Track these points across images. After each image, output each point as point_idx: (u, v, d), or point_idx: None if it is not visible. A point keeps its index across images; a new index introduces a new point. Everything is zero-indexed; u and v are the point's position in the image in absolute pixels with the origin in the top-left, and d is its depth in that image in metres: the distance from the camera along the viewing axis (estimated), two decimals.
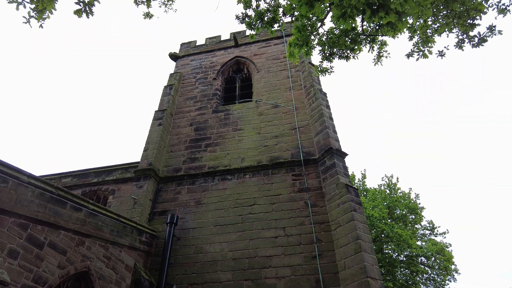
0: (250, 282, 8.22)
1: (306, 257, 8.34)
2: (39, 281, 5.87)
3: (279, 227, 9.06)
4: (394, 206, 19.99)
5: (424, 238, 20.61)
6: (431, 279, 18.74)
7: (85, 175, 13.30)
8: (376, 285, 7.33)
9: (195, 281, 8.54)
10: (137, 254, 8.80)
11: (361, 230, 8.12)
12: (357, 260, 7.61)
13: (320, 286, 7.80)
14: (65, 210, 6.87)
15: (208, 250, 9.03)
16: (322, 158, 10.16)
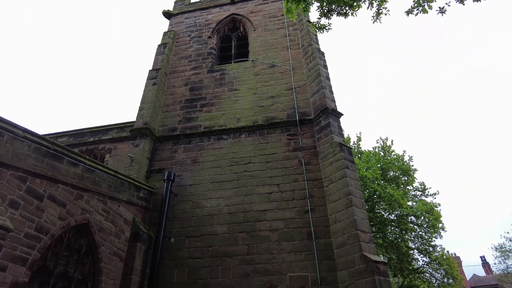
0: (245, 234, 8.59)
1: (299, 212, 8.66)
2: (42, 231, 6.09)
3: (273, 184, 9.30)
4: (388, 168, 20.39)
5: (415, 199, 21.24)
6: (419, 237, 19.58)
7: (81, 135, 13.32)
8: (366, 237, 7.68)
9: (193, 234, 8.90)
10: (135, 209, 9.08)
11: (352, 186, 8.36)
12: (348, 214, 7.92)
13: (312, 238, 8.18)
14: (62, 165, 6.97)
15: (204, 205, 9.32)
16: (318, 118, 10.20)
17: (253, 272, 8.02)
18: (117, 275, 7.79)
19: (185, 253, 8.65)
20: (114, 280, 7.66)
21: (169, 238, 8.93)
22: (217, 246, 8.56)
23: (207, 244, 8.64)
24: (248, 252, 8.32)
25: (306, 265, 7.88)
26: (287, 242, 8.27)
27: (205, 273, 8.24)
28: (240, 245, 8.46)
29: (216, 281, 8.07)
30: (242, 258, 8.26)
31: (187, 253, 8.63)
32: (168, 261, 8.60)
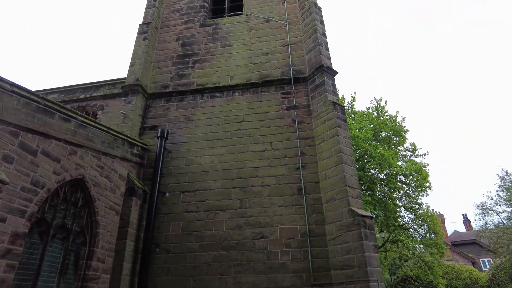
0: (238, 189, 8.85)
1: (290, 168, 8.87)
2: (37, 184, 6.20)
3: (266, 142, 9.41)
4: (380, 128, 20.59)
5: (405, 159, 21.70)
6: (406, 195, 20.29)
7: (72, 91, 13.09)
8: (354, 193, 7.97)
9: (187, 189, 9.14)
10: (129, 165, 9.20)
11: (343, 144, 8.51)
12: (338, 171, 8.14)
13: (302, 194, 8.47)
14: (54, 120, 6.93)
15: (198, 162, 9.48)
16: (312, 76, 10.09)
17: (245, 225, 8.38)
18: (114, 227, 8.08)
19: (180, 207, 8.94)
20: (111, 232, 7.97)
21: (164, 193, 9.17)
22: (211, 201, 8.84)
23: (201, 199, 8.92)
24: (241, 206, 8.63)
25: (296, 218, 8.24)
26: (278, 197, 8.57)
27: (200, 225, 8.59)
28: (233, 199, 8.75)
29: (210, 232, 8.44)
30: (235, 212, 8.58)
31: (181, 207, 8.92)
32: (164, 215, 8.91)
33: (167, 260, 8.32)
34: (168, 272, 8.18)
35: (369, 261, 6.98)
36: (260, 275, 7.77)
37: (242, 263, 7.97)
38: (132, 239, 8.25)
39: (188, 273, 8.09)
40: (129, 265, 7.96)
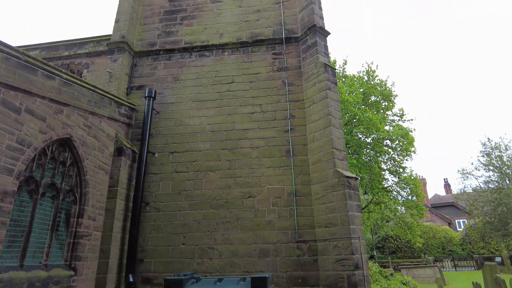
0: (227, 151, 8.93)
1: (279, 131, 8.94)
2: (23, 143, 6.13)
3: (255, 104, 9.37)
4: (370, 92, 20.60)
5: (392, 124, 22.01)
6: (391, 159, 20.82)
7: (55, 48, 12.51)
8: (340, 155, 8.15)
9: (176, 149, 9.17)
10: (117, 125, 9.11)
11: (332, 107, 8.55)
12: (326, 133, 8.25)
13: (290, 155, 8.62)
14: (37, 77, 6.71)
15: (187, 123, 9.43)
16: (304, 36, 9.86)
17: (234, 185, 8.57)
18: (103, 187, 8.16)
19: (169, 167, 9.02)
20: (101, 191, 8.06)
21: (153, 154, 9.19)
22: (201, 161, 8.93)
23: (191, 159, 8.99)
24: (230, 167, 8.76)
25: (283, 179, 8.45)
26: (266, 158, 8.70)
27: (189, 185, 8.74)
28: (222, 160, 8.86)
29: (199, 192, 8.62)
30: (224, 172, 8.72)
31: (171, 167, 9.01)
32: (153, 175, 9.00)
33: (157, 218, 8.54)
34: (158, 229, 8.43)
35: (352, 220, 7.32)
36: (248, 232, 8.09)
37: (231, 220, 8.25)
38: (122, 198, 8.38)
39: (178, 230, 8.35)
40: (120, 223, 8.16)
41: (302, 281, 7.54)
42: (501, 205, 23.84)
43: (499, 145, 26.38)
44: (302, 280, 7.55)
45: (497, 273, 8.66)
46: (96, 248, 7.66)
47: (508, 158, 25.51)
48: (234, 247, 8.01)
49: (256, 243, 7.99)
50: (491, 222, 24.78)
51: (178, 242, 8.24)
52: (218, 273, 7.77)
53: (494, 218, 24.47)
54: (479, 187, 27.25)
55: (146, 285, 7.96)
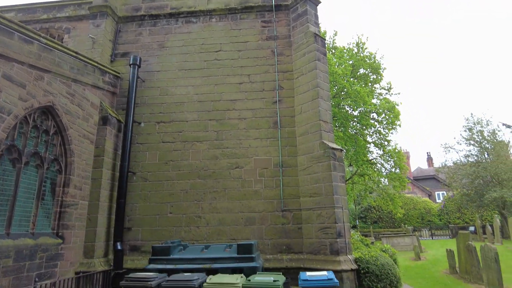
0: (214, 121, 8.88)
1: (267, 102, 8.89)
2: (3, 111, 5.94)
3: (244, 74, 9.22)
4: (359, 65, 20.46)
5: (380, 97, 22.11)
6: (377, 132, 21.11)
7: (32, 10, 11.85)
8: (327, 127, 8.22)
9: (162, 119, 9.06)
10: (102, 94, 8.88)
11: (321, 79, 8.50)
12: (313, 105, 8.25)
13: (277, 127, 8.64)
14: (13, 41, 6.39)
15: (173, 92, 9.26)
16: (295, 4, 9.60)
17: (221, 155, 8.60)
18: (89, 156, 8.07)
19: (156, 137, 8.94)
20: (87, 161, 7.97)
21: (139, 123, 9.06)
22: (188, 132, 8.88)
23: (178, 130, 8.92)
24: (217, 137, 8.75)
25: (270, 150, 8.51)
26: (254, 129, 8.70)
27: (176, 155, 8.72)
28: (209, 131, 8.82)
29: (186, 162, 8.63)
30: (212, 143, 8.72)
31: (158, 137, 8.93)
32: (139, 144, 8.93)
33: (144, 188, 8.57)
34: (145, 198, 8.49)
35: (336, 190, 7.51)
36: (235, 201, 8.23)
37: (218, 190, 8.35)
38: (109, 167, 8.33)
39: (165, 199, 8.43)
40: (106, 192, 8.16)
41: (286, 248, 7.82)
42: (478, 178, 24.74)
43: (481, 120, 26.97)
44: (286, 247, 7.82)
45: (469, 241, 9.16)
46: (83, 217, 7.69)
47: (488, 133, 26.20)
48: (221, 216, 8.17)
49: (242, 212, 8.15)
50: (467, 194, 25.78)
51: (166, 211, 8.34)
52: (206, 240, 7.97)
53: (471, 190, 25.43)
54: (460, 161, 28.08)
55: (134, 253, 8.11)
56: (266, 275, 5.12)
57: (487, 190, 24.05)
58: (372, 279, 6.80)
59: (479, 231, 21.44)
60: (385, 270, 6.89)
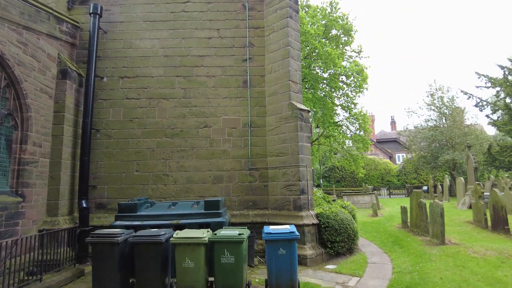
0: (181, 78, 8.60)
1: (237, 60, 8.68)
2: None
3: (213, 29, 8.86)
4: (331, 25, 20.24)
5: (350, 60, 22.26)
6: (345, 95, 21.51)
7: None
8: (296, 88, 8.24)
9: (126, 74, 8.63)
10: (59, 45, 8.24)
11: (292, 37, 8.37)
12: (284, 65, 8.18)
13: (247, 86, 8.54)
14: None
15: (138, 45, 8.77)
16: None
17: (189, 114, 8.45)
18: (48, 112, 7.64)
19: (119, 93, 8.57)
20: (46, 116, 7.56)
21: (102, 78, 8.60)
22: (153, 88, 8.57)
23: (142, 86, 8.58)
24: (185, 95, 8.53)
25: (239, 109, 8.47)
26: (223, 88, 8.56)
27: (142, 112, 8.47)
28: (176, 88, 8.56)
29: (153, 120, 8.43)
30: (179, 101, 8.51)
31: (121, 93, 8.56)
32: (103, 100, 8.54)
33: (109, 145, 8.34)
34: (110, 156, 8.30)
35: (301, 150, 7.73)
36: (203, 160, 8.27)
37: (186, 149, 8.31)
38: (70, 124, 7.97)
39: (131, 157, 8.29)
40: (69, 150, 7.87)
41: (252, 204, 8.10)
42: (435, 141, 26.39)
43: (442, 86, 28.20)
44: (252, 203, 8.10)
45: (421, 198, 9.93)
46: (45, 175, 7.44)
47: (448, 99, 27.56)
48: (189, 174, 8.22)
49: (210, 170, 8.24)
50: (424, 156, 27.56)
51: (132, 169, 8.25)
52: (173, 198, 8.05)
53: (427, 153, 27.19)
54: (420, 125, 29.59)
55: (100, 210, 8.06)
56: (232, 229, 5.33)
57: (441, 153, 25.79)
58: (331, 233, 7.29)
59: (431, 190, 23.25)
60: (344, 225, 7.38)
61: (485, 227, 9.87)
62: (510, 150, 15.64)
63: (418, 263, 6.41)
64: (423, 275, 5.59)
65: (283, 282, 4.80)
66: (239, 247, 4.81)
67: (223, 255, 4.79)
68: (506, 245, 7.32)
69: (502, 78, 16.51)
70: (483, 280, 5.17)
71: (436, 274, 5.60)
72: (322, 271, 6.44)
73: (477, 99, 18.16)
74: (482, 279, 5.22)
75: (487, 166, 17.62)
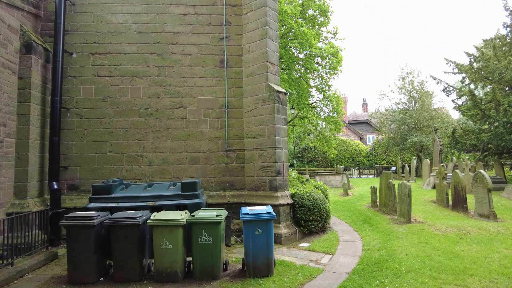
0: (156, 55, 8.31)
1: (214, 38, 8.48)
2: None
3: (189, 4, 8.54)
4: (308, 5, 20.09)
5: (325, 41, 22.33)
6: (319, 77, 21.70)
7: None
8: (273, 69, 8.22)
9: (97, 50, 8.23)
10: (21, 16, 7.67)
11: (271, 17, 8.26)
12: (261, 45, 8.10)
13: (224, 66, 8.41)
14: None
15: (109, 20, 8.33)
16: None
17: (164, 93, 8.25)
18: (12, 89, 7.18)
19: (90, 70, 8.18)
20: (10, 94, 7.11)
21: (71, 53, 8.15)
22: (126, 66, 8.24)
23: (115, 63, 8.22)
24: (159, 74, 8.28)
25: (216, 90, 8.36)
26: (199, 67, 8.38)
27: (114, 91, 8.16)
28: (150, 66, 8.28)
29: (125, 99, 8.15)
30: (153, 80, 8.26)
31: (92, 71, 8.18)
32: (72, 78, 8.13)
33: (80, 125, 8.02)
34: (82, 136, 8.00)
35: (278, 132, 7.81)
36: (179, 141, 8.16)
37: (161, 130, 8.16)
38: (37, 102, 7.55)
39: (104, 138, 8.04)
40: (37, 129, 7.50)
41: (229, 185, 8.17)
42: (404, 124, 27.43)
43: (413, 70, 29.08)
44: (229, 184, 8.17)
45: (390, 179, 10.42)
46: (11, 156, 7.07)
47: (418, 83, 28.53)
48: (164, 155, 8.11)
49: (187, 151, 8.17)
50: (394, 138, 28.66)
51: (105, 150, 8.02)
52: (148, 179, 7.95)
53: (397, 135, 28.28)
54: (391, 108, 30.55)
55: (72, 192, 7.84)
56: (210, 210, 5.38)
57: (410, 135, 26.89)
58: (305, 212, 7.53)
59: (399, 171, 24.35)
60: (317, 204, 7.64)
61: (447, 206, 10.55)
62: (471, 134, 16.54)
63: (386, 240, 6.79)
64: (391, 252, 5.95)
65: (260, 261, 4.96)
66: (217, 228, 4.88)
67: (201, 236, 4.85)
68: (464, 223, 7.88)
69: (468, 65, 17.22)
70: (443, 255, 5.57)
71: (402, 250, 5.98)
72: (296, 249, 6.69)
73: (445, 84, 18.89)
74: (443, 254, 5.63)
75: (451, 148, 18.60)
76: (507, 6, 15.99)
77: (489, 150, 15.80)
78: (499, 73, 14.93)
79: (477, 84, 17.42)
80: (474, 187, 9.18)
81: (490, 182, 8.62)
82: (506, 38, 16.34)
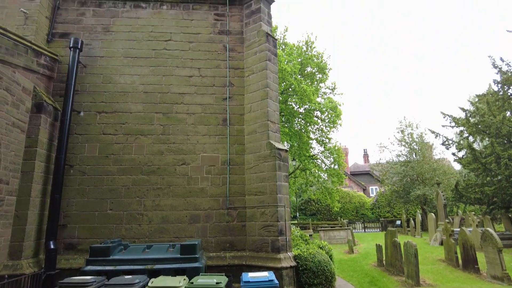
0: (161, 115, 8.59)
1: (217, 98, 8.82)
2: None
3: (194, 67, 9.03)
4: (307, 63, 21.14)
5: (324, 96, 23.15)
6: (319, 129, 22.15)
7: None
8: (274, 127, 8.43)
9: (104, 109, 8.53)
10: (36, 78, 8.08)
11: (271, 79, 8.66)
12: (262, 105, 8.39)
13: (226, 124, 8.64)
14: None
15: (118, 81, 8.75)
16: (249, 0, 9.58)
17: (167, 151, 8.37)
18: (19, 147, 7.33)
19: (96, 128, 8.40)
20: (16, 152, 7.24)
21: (78, 112, 8.44)
22: (131, 124, 8.48)
23: (120, 121, 8.47)
24: (164, 132, 8.49)
25: (218, 147, 8.50)
26: (202, 125, 8.60)
27: (118, 149, 8.30)
28: (155, 124, 8.52)
29: (129, 156, 8.26)
30: (157, 137, 8.44)
31: (98, 129, 8.40)
32: (78, 135, 8.33)
33: (82, 182, 8.04)
34: (83, 193, 7.98)
35: (280, 189, 7.77)
36: (180, 198, 8.11)
37: (162, 187, 8.15)
38: (42, 159, 7.66)
39: (105, 195, 8.00)
40: (39, 186, 7.50)
41: (230, 245, 7.94)
42: (407, 176, 27.34)
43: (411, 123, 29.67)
44: (230, 245, 7.94)
45: (396, 237, 10.13)
46: (10, 214, 6.99)
47: (417, 136, 28.96)
48: (164, 213, 8.00)
49: (187, 209, 8.07)
50: (397, 191, 28.36)
51: (105, 208, 7.94)
52: (147, 239, 7.76)
53: (399, 187, 28.02)
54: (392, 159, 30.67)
55: (69, 251, 7.61)
56: (209, 276, 5.18)
57: (413, 187, 26.65)
58: (309, 275, 7.21)
59: (404, 225, 23.74)
60: (321, 267, 7.34)
61: (456, 266, 10.12)
62: (474, 187, 16.42)
63: None
64: None
65: None
66: None
67: None
68: (476, 286, 7.50)
69: (465, 119, 17.62)
70: None
71: None
72: None
73: (443, 138, 19.16)
74: None
75: (455, 201, 18.33)
76: (495, 64, 16.78)
77: (495, 204, 15.53)
78: (495, 128, 15.20)
79: (476, 136, 17.67)
80: (483, 246, 8.88)
81: (499, 242, 8.36)
82: (498, 94, 16.89)
